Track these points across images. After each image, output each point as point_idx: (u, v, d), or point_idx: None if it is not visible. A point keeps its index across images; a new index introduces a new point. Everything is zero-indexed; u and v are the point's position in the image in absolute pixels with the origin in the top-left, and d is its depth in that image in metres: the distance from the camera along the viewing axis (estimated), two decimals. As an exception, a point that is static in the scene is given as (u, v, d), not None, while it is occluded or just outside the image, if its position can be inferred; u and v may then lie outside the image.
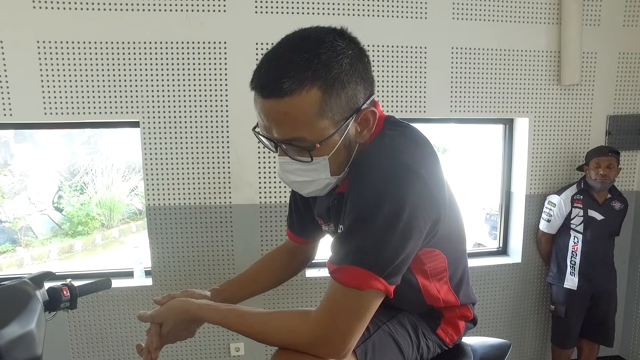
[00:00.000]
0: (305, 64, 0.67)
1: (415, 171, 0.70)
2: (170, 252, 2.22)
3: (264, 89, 0.69)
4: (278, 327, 0.74)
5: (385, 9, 2.21)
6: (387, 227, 0.68)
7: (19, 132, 5.72)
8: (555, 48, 2.38)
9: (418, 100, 2.32)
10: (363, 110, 0.74)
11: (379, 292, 0.70)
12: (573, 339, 2.39)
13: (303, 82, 0.67)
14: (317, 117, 0.69)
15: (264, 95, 0.69)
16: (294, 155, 0.74)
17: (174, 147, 2.15)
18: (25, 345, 0.84)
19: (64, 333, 2.20)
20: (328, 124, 0.71)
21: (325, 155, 0.74)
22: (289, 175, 0.78)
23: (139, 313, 0.88)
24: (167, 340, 0.87)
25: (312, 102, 0.68)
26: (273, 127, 0.72)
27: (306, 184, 0.79)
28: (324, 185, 0.79)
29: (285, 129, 0.70)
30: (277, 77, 0.67)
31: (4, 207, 5.82)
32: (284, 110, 0.68)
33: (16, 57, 1.97)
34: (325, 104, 0.69)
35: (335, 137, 0.72)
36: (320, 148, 0.72)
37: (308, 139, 0.71)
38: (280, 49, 0.70)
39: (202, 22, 2.07)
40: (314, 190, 0.81)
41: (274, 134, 0.72)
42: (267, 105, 0.70)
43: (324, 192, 0.82)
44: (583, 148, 2.48)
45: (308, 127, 0.70)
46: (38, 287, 1.00)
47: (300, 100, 0.67)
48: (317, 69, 0.67)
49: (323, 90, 0.68)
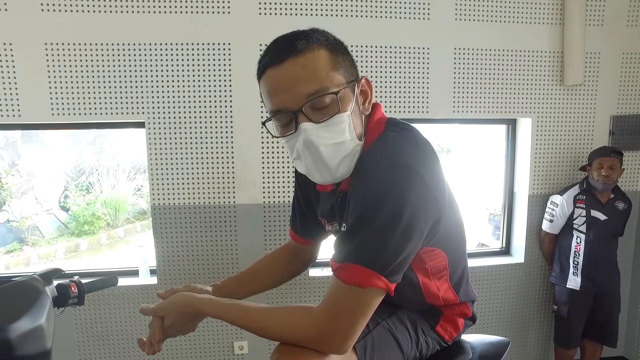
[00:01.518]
0: (307, 34, 0.77)
1: (416, 171, 0.72)
2: (174, 251, 2.25)
3: (278, 55, 0.75)
4: (280, 322, 0.76)
5: (388, 10, 2.23)
6: (388, 226, 0.69)
7: (26, 133, 5.79)
8: (558, 48, 2.39)
9: (421, 100, 2.33)
10: (361, 78, 0.82)
11: (380, 290, 0.72)
12: (576, 339, 2.39)
13: (312, 43, 0.76)
14: (332, 70, 0.76)
15: (280, 59, 0.75)
16: (317, 117, 0.75)
17: (178, 147, 2.18)
18: (35, 339, 0.86)
19: (70, 330, 2.23)
20: (342, 79, 0.77)
21: (348, 111, 0.77)
22: (319, 139, 0.75)
23: (141, 306, 0.89)
24: (169, 333, 0.88)
25: (324, 57, 0.76)
26: (294, 89, 0.74)
27: (335, 148, 0.76)
28: (350, 149, 0.78)
29: (307, 82, 0.74)
30: (290, 42, 0.76)
31: (12, 206, 5.89)
32: (302, 64, 0.74)
33: (24, 59, 2.01)
34: (335, 61, 0.77)
35: (348, 93, 0.78)
36: (340, 101, 0.76)
37: (331, 88, 0.75)
38: (278, 38, 0.79)
39: (207, 23, 2.10)
40: (342, 158, 0.78)
41: (295, 96, 0.74)
42: (283, 69, 0.75)
43: (349, 168, 0.80)
44: (586, 148, 2.48)
45: (327, 78, 0.75)
46: (47, 283, 1.02)
47: (314, 55, 0.75)
48: (318, 37, 0.77)
49: (330, 50, 0.77)
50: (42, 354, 0.88)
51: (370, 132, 0.83)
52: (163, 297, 0.93)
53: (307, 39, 0.76)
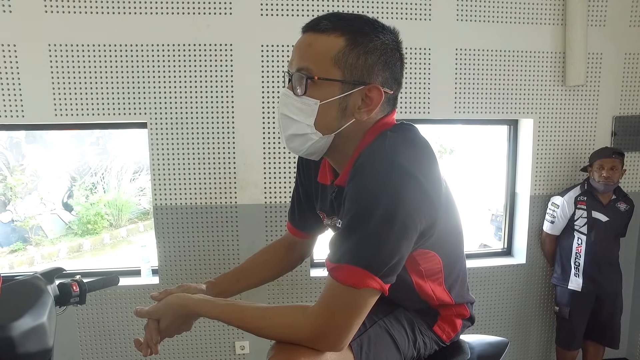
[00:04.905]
0: (346, 20, 0.80)
1: (411, 173, 0.72)
2: (176, 251, 2.26)
3: (308, 24, 0.81)
4: (277, 322, 0.76)
5: (390, 11, 2.23)
6: (383, 228, 0.70)
7: (30, 134, 5.83)
8: (560, 49, 2.38)
9: (422, 101, 2.33)
10: (372, 85, 0.80)
11: (375, 291, 0.73)
12: (578, 340, 2.38)
13: (336, 28, 0.78)
14: (331, 60, 0.78)
15: (304, 30, 0.82)
16: (295, 86, 0.80)
17: (180, 147, 2.19)
18: (37, 337, 0.88)
19: (73, 329, 2.25)
20: (337, 73, 0.78)
21: (318, 100, 0.79)
22: (282, 107, 0.83)
23: (135, 309, 0.89)
24: (166, 335, 0.88)
25: (334, 45, 0.78)
26: (295, 58, 0.81)
27: (290, 121, 0.82)
28: (302, 132, 0.82)
29: (302, 57, 0.80)
30: (322, 19, 0.80)
31: (16, 206, 5.93)
32: (309, 42, 0.80)
33: (28, 60, 2.02)
34: (343, 54, 0.78)
35: (335, 88, 0.79)
36: (317, 87, 0.79)
37: (313, 71, 0.78)
38: (326, 13, 0.83)
39: (209, 24, 2.11)
40: (292, 135, 0.83)
41: (293, 64, 0.81)
42: (301, 39, 0.82)
43: (301, 149, 0.84)
44: (588, 149, 2.47)
45: (319, 63, 0.78)
46: (49, 282, 1.03)
47: (325, 39, 0.78)
48: (352, 26, 0.79)
49: (347, 43, 0.78)
50: (43, 351, 0.89)
51: (371, 133, 0.83)
52: (157, 299, 0.92)
53: (334, 24, 0.78)
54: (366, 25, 0.79)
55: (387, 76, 0.81)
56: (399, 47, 0.83)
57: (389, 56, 0.80)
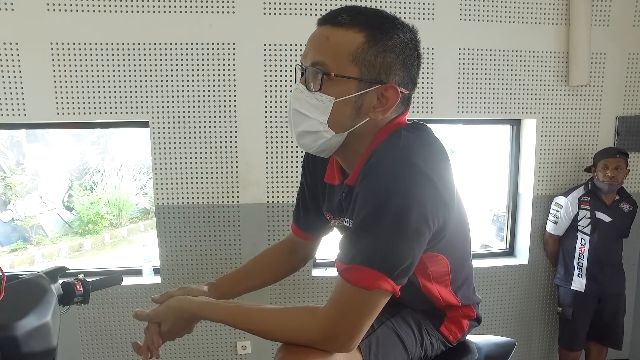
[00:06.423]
0: (366, 15, 0.76)
1: (426, 173, 0.71)
2: (178, 250, 2.25)
3: (325, 17, 0.78)
4: (286, 324, 0.75)
5: (392, 11, 2.21)
6: (396, 228, 0.69)
7: (31, 132, 5.82)
8: (563, 49, 2.37)
9: (425, 100, 2.32)
10: (389, 85, 0.77)
11: (387, 292, 0.72)
12: (580, 341, 2.37)
13: (355, 23, 0.75)
14: (348, 57, 0.75)
15: (321, 22, 0.78)
16: (309, 81, 0.77)
17: (182, 146, 2.18)
18: (41, 336, 0.87)
19: (74, 328, 2.24)
20: (354, 70, 0.76)
21: (333, 98, 0.76)
22: (295, 102, 0.80)
23: (135, 312, 0.88)
24: (167, 338, 0.87)
25: (352, 41, 0.75)
26: (310, 51, 0.78)
27: (302, 117, 0.79)
28: (315, 129, 0.79)
29: (318, 51, 0.77)
30: (341, 12, 0.77)
31: (16, 205, 5.92)
32: (326, 35, 0.76)
33: (30, 59, 2.02)
34: (361, 51, 0.75)
35: (351, 86, 0.76)
36: (333, 84, 0.76)
37: (329, 67, 0.75)
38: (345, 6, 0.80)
39: (211, 23, 2.10)
40: (304, 132, 0.80)
41: (307, 58, 0.78)
42: (317, 31, 0.78)
43: (312, 146, 0.82)
44: (591, 149, 2.47)
45: (336, 58, 0.75)
46: (53, 281, 1.03)
47: (344, 34, 0.75)
48: (372, 22, 0.76)
49: (367, 39, 0.75)
50: (47, 351, 0.89)
51: (383, 132, 0.81)
52: (159, 302, 0.90)
53: (353, 18, 0.76)
54: (386, 22, 0.76)
55: (404, 76, 0.78)
56: (417, 47, 0.80)
57: (408, 55, 0.78)
